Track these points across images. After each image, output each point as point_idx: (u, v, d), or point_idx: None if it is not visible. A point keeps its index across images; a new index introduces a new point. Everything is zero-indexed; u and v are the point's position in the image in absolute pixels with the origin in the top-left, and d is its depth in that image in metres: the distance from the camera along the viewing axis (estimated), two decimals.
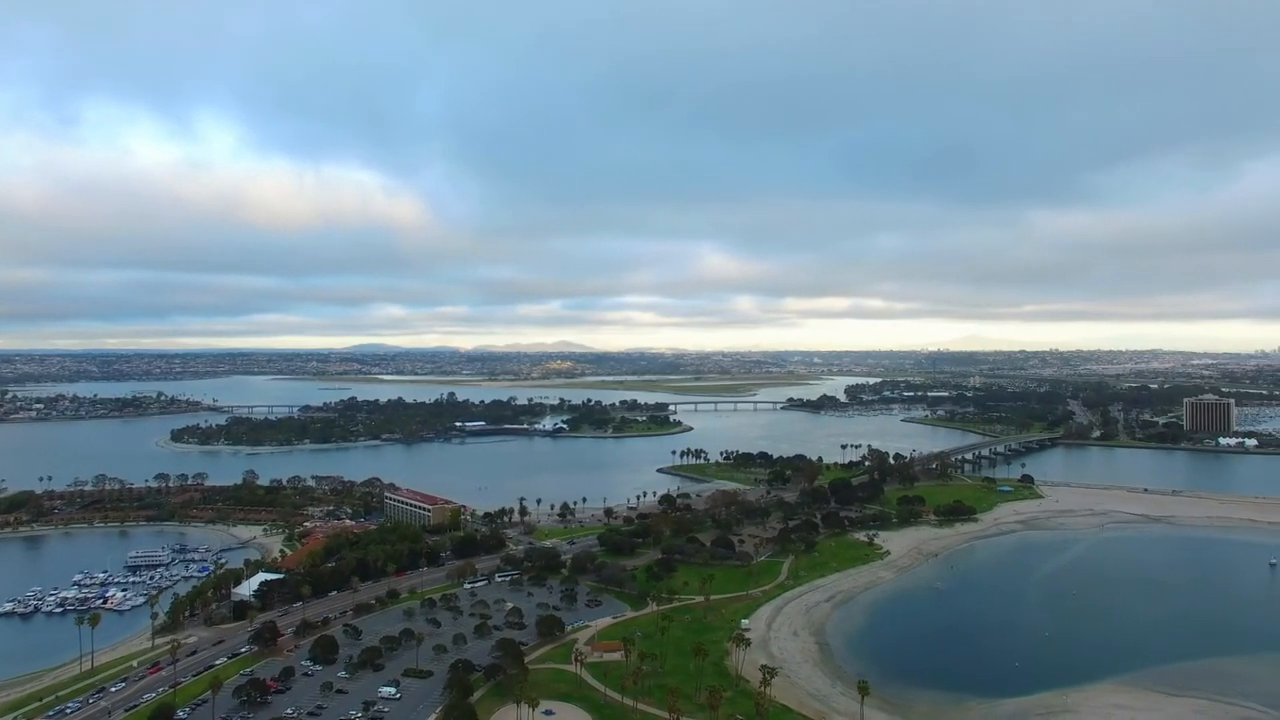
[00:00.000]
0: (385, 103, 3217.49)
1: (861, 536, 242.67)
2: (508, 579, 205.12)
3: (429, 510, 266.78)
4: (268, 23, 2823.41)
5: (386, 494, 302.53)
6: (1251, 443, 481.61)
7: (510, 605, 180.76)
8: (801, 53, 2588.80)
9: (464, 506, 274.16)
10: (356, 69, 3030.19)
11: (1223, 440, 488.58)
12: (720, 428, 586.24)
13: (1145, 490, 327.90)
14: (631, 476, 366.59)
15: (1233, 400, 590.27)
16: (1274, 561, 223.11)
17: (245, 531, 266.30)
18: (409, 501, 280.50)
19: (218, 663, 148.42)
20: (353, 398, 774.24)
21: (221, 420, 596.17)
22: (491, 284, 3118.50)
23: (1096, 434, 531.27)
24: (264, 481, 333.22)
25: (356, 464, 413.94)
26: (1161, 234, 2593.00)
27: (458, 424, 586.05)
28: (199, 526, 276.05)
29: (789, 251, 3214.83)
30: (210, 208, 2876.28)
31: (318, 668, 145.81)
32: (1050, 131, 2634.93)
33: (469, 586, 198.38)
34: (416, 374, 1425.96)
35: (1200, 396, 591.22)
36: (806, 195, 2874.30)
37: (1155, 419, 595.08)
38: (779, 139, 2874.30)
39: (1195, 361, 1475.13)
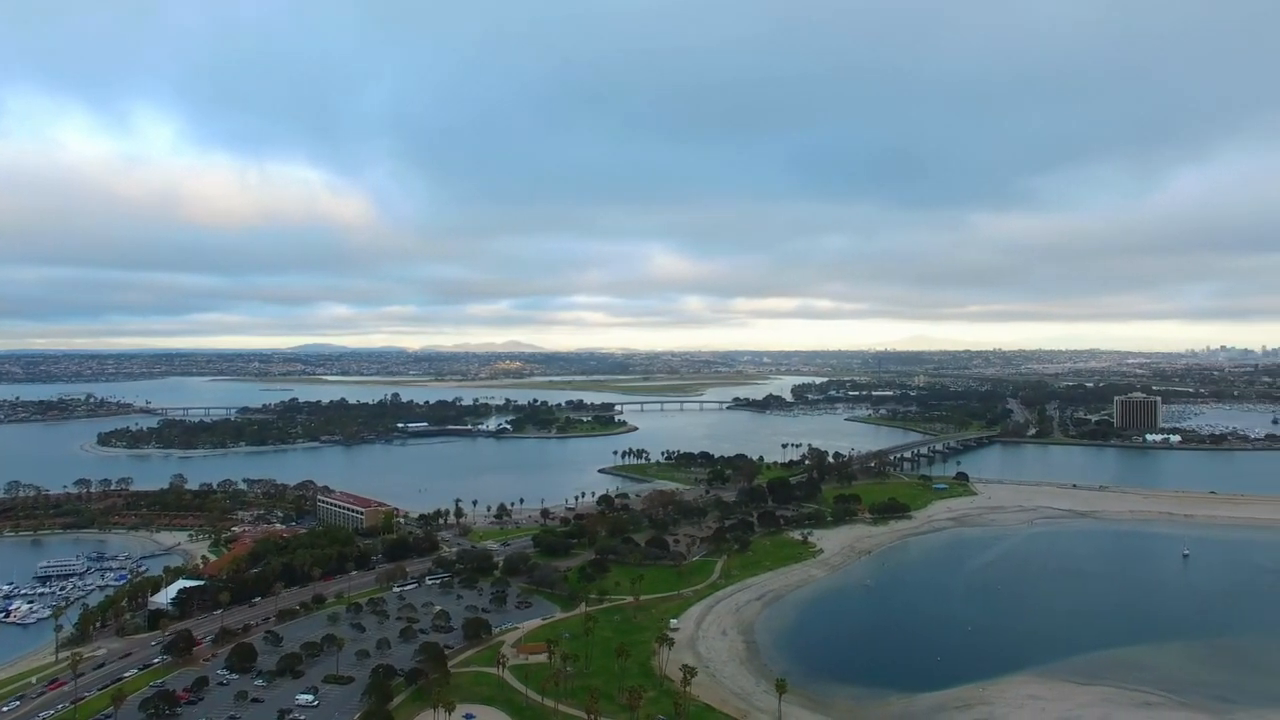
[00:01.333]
0: (331, 100, 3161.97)
1: (796, 535, 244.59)
2: (438, 582, 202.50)
3: (362, 513, 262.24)
4: (208, 15, 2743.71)
5: (320, 497, 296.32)
6: (1176, 439, 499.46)
7: (438, 608, 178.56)
8: (747, 55, 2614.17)
9: (397, 509, 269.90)
10: (301, 65, 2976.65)
11: (1150, 436, 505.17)
12: (665, 428, 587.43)
13: (1074, 486, 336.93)
14: (573, 477, 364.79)
15: (1159, 398, 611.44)
16: (1186, 552, 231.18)
17: (169, 538, 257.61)
18: (342, 504, 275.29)
19: (126, 675, 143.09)
20: (294, 399, 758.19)
21: (153, 423, 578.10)
22: (439, 283, 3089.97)
23: (1032, 432, 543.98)
24: (193, 485, 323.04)
25: (293, 467, 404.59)
26: (1096, 238, 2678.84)
27: (400, 425, 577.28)
28: (120, 533, 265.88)
29: (738, 252, 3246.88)
30: (147, 204, 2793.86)
31: (234, 676, 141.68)
32: (989, 136, 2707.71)
33: (398, 590, 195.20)
34: (362, 374, 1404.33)
35: (1130, 395, 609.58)
36: (754, 196, 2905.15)
37: (1089, 417, 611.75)
38: (726, 140, 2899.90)
39: (1130, 361, 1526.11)
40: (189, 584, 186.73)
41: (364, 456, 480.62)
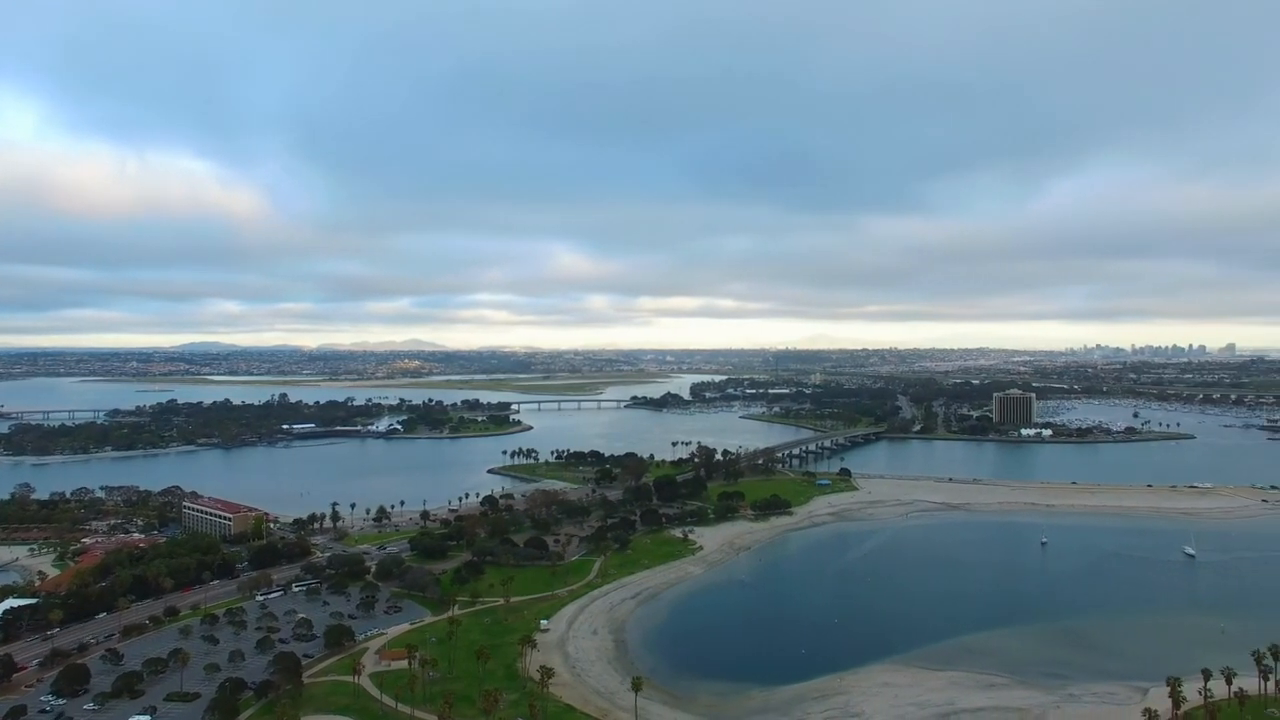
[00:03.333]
0: (220, 90, 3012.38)
1: (677, 533, 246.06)
2: (305, 589, 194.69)
3: (230, 519, 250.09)
4: None
5: (186, 503, 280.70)
6: (1047, 433, 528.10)
7: (301, 616, 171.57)
8: (645, 57, 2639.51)
9: (268, 514, 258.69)
10: (186, 52, 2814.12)
11: (1024, 431, 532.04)
12: (561, 427, 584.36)
13: (950, 480, 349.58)
14: (461, 478, 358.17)
15: (1034, 395, 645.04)
16: (1044, 541, 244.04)
17: (7, 553, 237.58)
18: (209, 511, 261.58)
19: None
20: (173, 400, 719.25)
21: (4, 428, 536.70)
22: (336, 280, 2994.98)
23: (917, 428, 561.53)
24: (44, 495, 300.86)
25: (164, 472, 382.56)
26: (984, 241, 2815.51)
27: (285, 427, 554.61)
28: None
29: (640, 251, 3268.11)
30: (8, 191, 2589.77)
31: (60, 702, 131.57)
32: (881, 144, 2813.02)
33: (261, 599, 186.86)
34: (252, 374, 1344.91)
35: (1008, 392, 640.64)
36: (655, 197, 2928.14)
37: (971, 413, 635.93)
38: (626, 141, 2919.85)
39: (1016, 359, 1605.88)
40: (18, 603, 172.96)
41: (244, 460, 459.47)
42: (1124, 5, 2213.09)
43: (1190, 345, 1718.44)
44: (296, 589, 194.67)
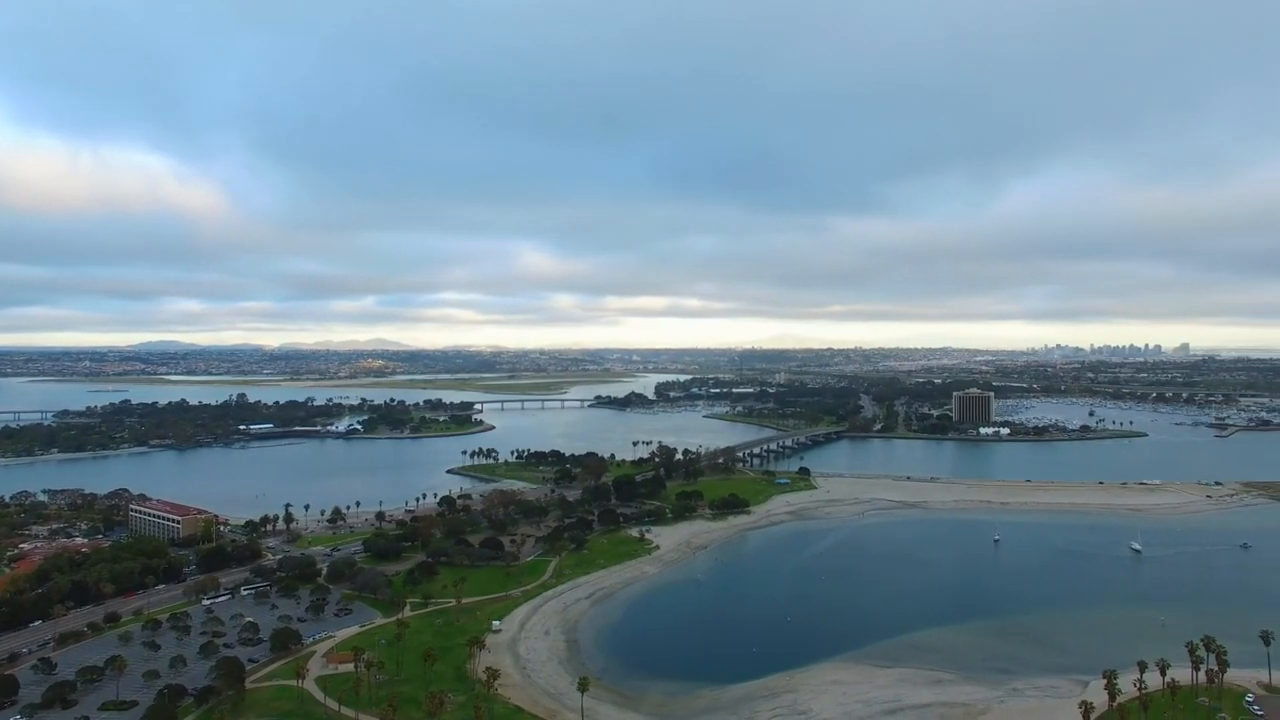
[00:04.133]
0: (177, 85, 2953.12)
1: (634, 533, 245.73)
2: (253, 592, 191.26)
3: (179, 522, 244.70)
4: None
5: (133, 506, 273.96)
6: (1005, 431, 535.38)
7: (248, 620, 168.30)
8: (611, 55, 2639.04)
9: (218, 516, 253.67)
10: (142, 46, 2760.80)
11: (983, 430, 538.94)
12: (524, 426, 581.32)
13: (908, 478, 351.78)
14: (420, 478, 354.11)
15: (992, 394, 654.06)
16: (997, 538, 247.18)
17: None
18: (157, 514, 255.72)
19: None
20: (126, 401, 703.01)
21: None
22: (299, 278, 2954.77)
23: (878, 427, 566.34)
24: None
25: (114, 475, 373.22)
26: (946, 242, 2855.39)
27: (242, 427, 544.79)
28: None
29: (607, 251, 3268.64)
30: None
31: None
32: (845, 144, 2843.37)
33: (207, 603, 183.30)
34: (211, 374, 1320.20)
35: (967, 391, 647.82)
36: (621, 196, 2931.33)
37: (931, 412, 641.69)
38: (592, 140, 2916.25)
39: (978, 359, 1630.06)
40: None
41: (198, 462, 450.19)
42: (1078, 12, 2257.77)
43: (1147, 345, 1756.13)
44: (245, 592, 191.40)
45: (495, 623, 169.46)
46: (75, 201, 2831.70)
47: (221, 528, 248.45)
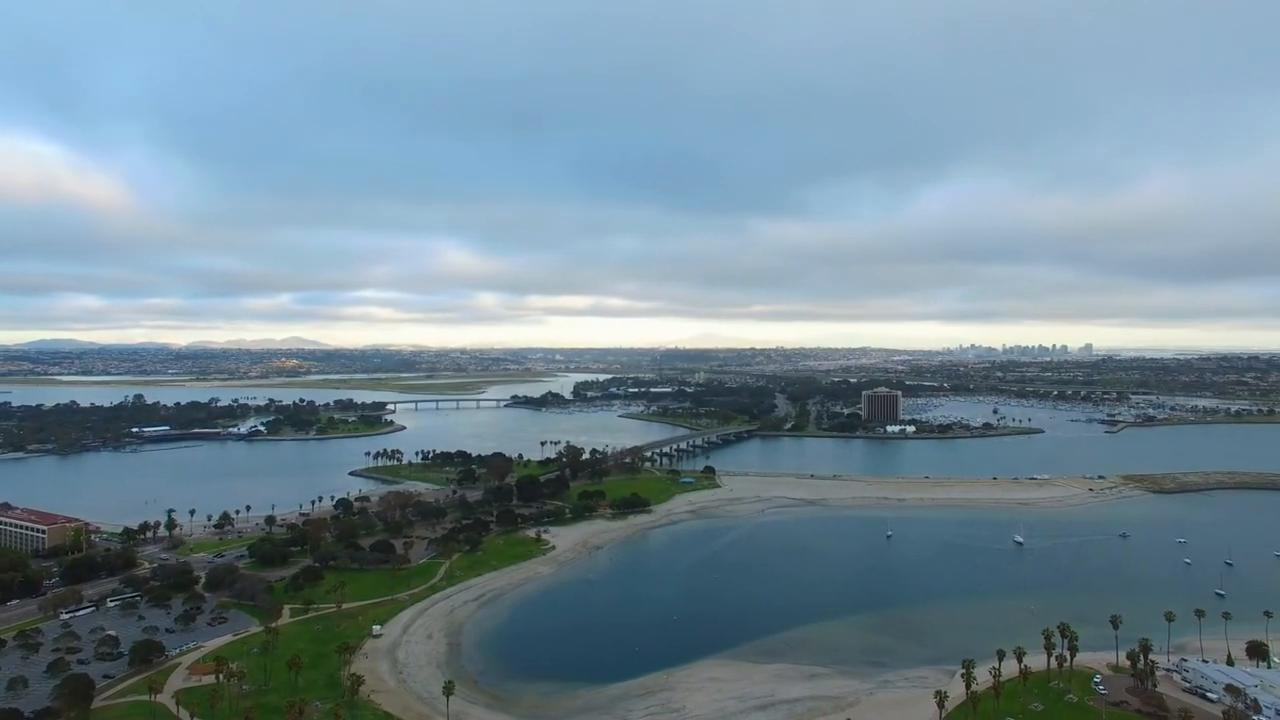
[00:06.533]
0: (72, 72, 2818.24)
1: (531, 533, 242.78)
2: (120, 603, 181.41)
3: (44, 532, 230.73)
4: None
5: None
6: (911, 429, 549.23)
7: (108, 633, 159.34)
8: (527, 50, 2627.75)
9: (89, 524, 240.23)
10: (31, 30, 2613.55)
11: (890, 428, 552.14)
12: (437, 427, 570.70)
13: (811, 476, 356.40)
14: (321, 480, 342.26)
15: (901, 393, 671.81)
16: (890, 534, 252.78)
17: None
18: (20, 523, 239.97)
19: None
20: (6, 402, 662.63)
21: None
22: (209, 274, 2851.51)
23: (789, 425, 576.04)
24: None
25: None
26: (862, 245, 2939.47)
27: (134, 430, 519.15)
28: None
29: (529, 250, 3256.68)
30: None
31: None
32: (762, 148, 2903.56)
33: (66, 617, 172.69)
34: (109, 374, 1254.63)
35: (875, 390, 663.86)
36: (541, 195, 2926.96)
37: (842, 410, 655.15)
38: (510, 138, 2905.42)
39: (895, 358, 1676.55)
40: None
41: (82, 467, 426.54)
42: (979, 29, 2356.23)
43: (1054, 345, 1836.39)
44: (111, 604, 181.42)
45: (376, 627, 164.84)
46: None
47: (93, 536, 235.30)
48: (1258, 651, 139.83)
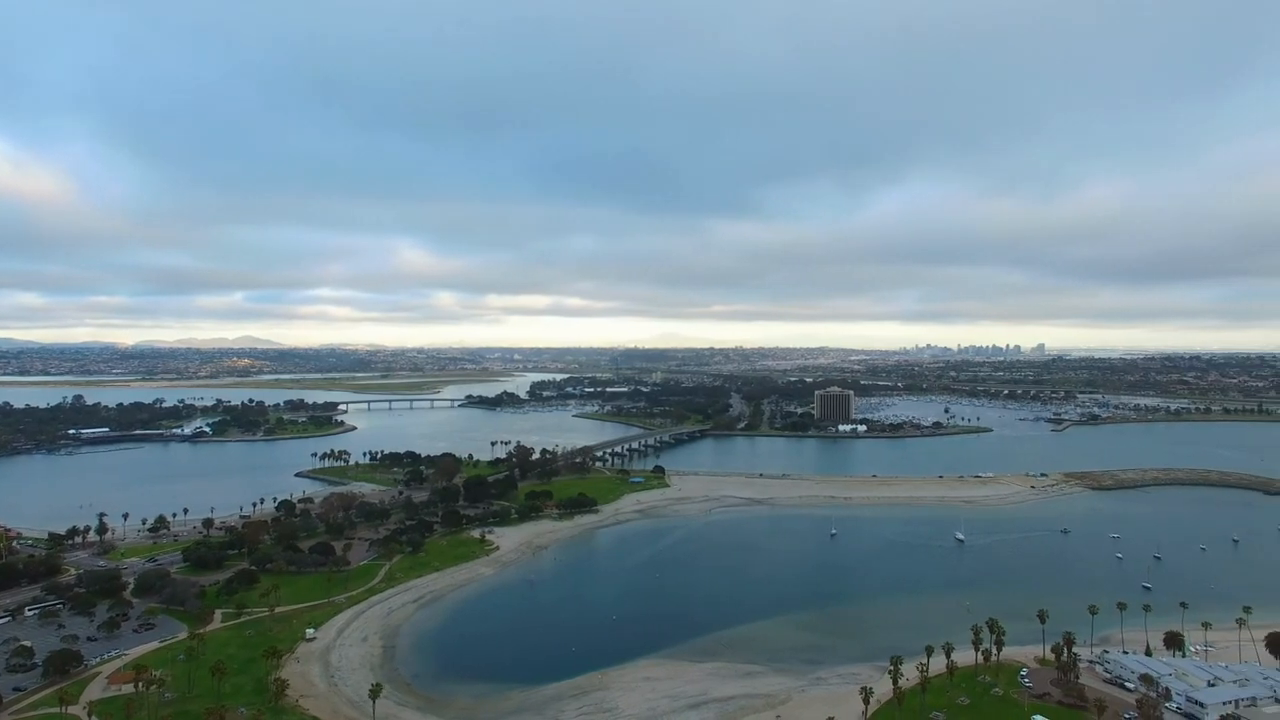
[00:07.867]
0: (13, 65, 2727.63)
1: (476, 534, 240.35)
2: (39, 611, 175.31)
3: None
4: None
5: None
6: (862, 428, 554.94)
7: (22, 643, 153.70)
8: (483, 49, 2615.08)
9: (9, 530, 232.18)
10: None
11: (842, 427, 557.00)
12: (389, 427, 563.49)
13: (760, 475, 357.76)
14: (266, 482, 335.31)
15: (853, 392, 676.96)
16: (834, 532, 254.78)
17: None
18: None
19: None
20: None
21: None
22: (157, 272, 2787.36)
23: (743, 425, 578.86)
24: None
25: None
26: (819, 246, 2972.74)
27: (72, 432, 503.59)
28: None
29: (486, 249, 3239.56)
30: None
31: None
32: (720, 149, 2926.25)
33: None
34: (49, 374, 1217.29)
35: (828, 389, 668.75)
36: (498, 194, 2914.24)
37: (795, 409, 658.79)
38: (466, 137, 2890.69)
39: (852, 358, 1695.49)
40: None
41: (12, 470, 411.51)
42: (929, 33, 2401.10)
43: (1008, 345, 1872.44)
44: (30, 613, 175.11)
45: (310, 631, 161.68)
46: None
47: (14, 543, 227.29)
48: (1174, 641, 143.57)
